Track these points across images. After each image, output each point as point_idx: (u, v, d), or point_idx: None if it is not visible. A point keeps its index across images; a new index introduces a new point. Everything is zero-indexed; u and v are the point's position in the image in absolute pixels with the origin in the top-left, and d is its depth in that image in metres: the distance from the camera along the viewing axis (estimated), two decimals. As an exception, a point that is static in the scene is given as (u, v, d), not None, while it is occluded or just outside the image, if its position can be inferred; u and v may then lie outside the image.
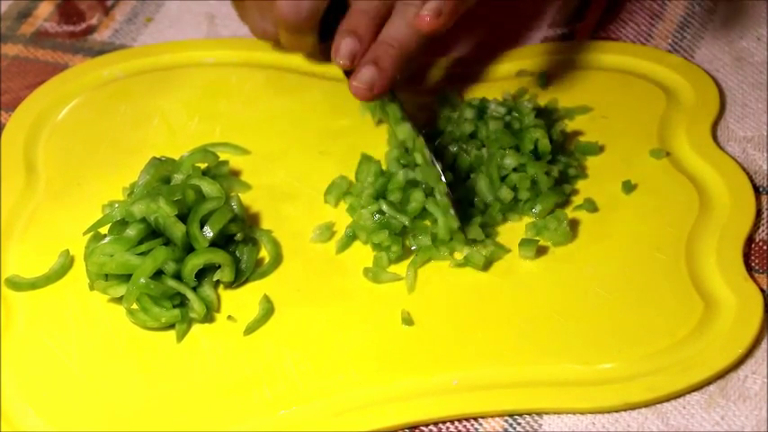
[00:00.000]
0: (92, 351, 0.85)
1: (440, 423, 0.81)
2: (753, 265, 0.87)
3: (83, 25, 1.10)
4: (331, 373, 0.83)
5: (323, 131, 0.97)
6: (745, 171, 0.92)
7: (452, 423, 0.81)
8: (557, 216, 0.89)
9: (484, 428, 0.81)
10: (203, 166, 0.94)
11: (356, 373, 0.83)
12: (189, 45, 1.06)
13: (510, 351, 0.83)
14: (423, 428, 0.81)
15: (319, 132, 0.97)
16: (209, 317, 0.87)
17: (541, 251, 0.88)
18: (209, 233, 0.87)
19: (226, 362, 0.84)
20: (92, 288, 0.87)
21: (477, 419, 0.81)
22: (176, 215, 0.87)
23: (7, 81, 1.05)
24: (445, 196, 0.88)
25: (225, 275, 0.87)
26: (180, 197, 0.88)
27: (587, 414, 0.80)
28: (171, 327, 0.86)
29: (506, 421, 0.81)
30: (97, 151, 0.98)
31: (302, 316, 0.86)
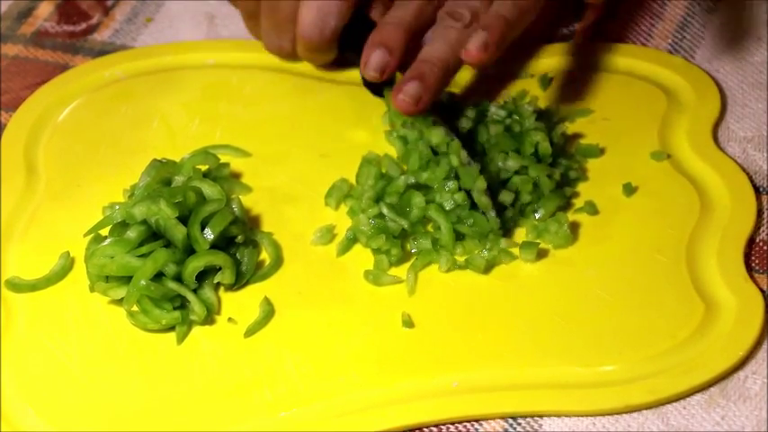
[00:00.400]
0: (92, 353, 0.85)
1: (440, 425, 0.81)
2: (753, 265, 0.87)
3: (83, 25, 1.10)
4: (331, 376, 0.83)
5: (324, 134, 0.97)
6: (746, 171, 0.92)
7: (453, 425, 0.81)
8: (557, 219, 0.89)
9: (484, 429, 0.81)
10: (204, 168, 0.94)
11: (357, 376, 0.83)
12: (190, 46, 1.06)
13: (510, 353, 0.83)
14: (423, 430, 0.81)
15: (320, 135, 0.97)
16: (209, 319, 0.87)
17: (542, 254, 0.88)
18: (209, 235, 0.87)
19: (226, 364, 0.84)
20: (92, 290, 0.87)
21: (477, 421, 0.81)
22: (177, 217, 0.87)
23: (7, 81, 1.05)
24: (484, 195, 0.88)
25: (225, 278, 0.87)
26: (181, 199, 0.88)
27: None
28: (171, 329, 0.86)
29: (507, 422, 0.81)
30: (98, 152, 0.98)
31: (303, 318, 0.86)
